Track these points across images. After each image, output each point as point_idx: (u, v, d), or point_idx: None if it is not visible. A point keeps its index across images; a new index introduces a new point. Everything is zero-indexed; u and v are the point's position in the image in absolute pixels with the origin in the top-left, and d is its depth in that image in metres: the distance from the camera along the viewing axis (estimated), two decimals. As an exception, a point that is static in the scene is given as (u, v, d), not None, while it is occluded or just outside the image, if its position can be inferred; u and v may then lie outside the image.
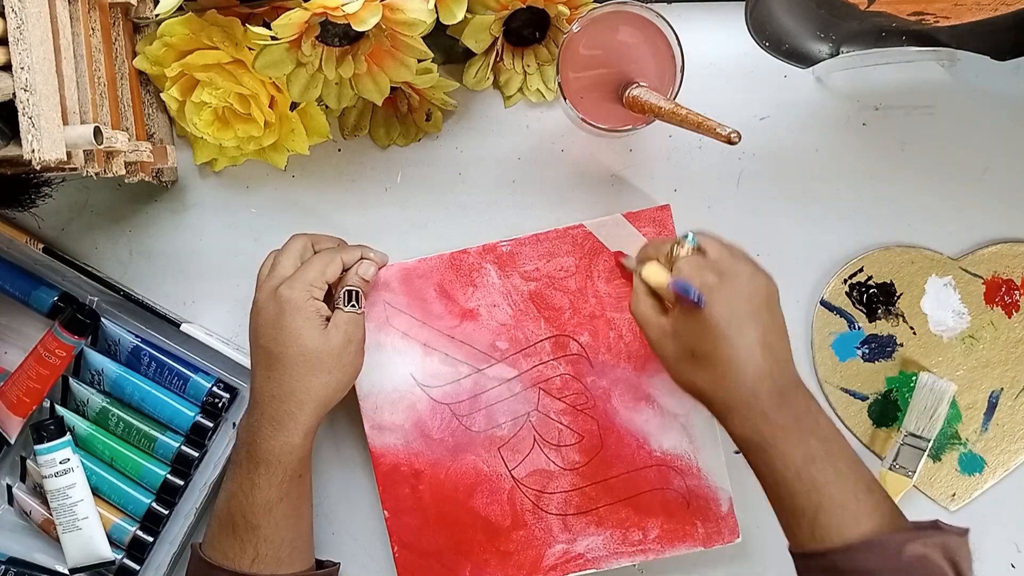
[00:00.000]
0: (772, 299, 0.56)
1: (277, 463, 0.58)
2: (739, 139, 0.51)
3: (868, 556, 0.50)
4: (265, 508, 0.58)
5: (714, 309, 0.53)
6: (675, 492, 0.66)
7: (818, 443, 0.53)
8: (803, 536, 0.53)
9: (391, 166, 0.69)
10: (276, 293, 0.59)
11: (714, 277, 0.54)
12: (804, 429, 0.53)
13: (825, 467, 0.52)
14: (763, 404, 0.53)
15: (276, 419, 0.58)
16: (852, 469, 0.53)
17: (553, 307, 0.66)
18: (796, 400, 0.54)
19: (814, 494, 0.52)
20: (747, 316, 0.53)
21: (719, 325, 0.53)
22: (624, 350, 0.66)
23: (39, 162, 0.48)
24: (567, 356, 0.66)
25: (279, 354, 0.59)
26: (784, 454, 0.52)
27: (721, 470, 0.66)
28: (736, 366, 0.53)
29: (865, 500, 0.52)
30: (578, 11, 0.63)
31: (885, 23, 0.62)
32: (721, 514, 0.66)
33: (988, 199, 0.68)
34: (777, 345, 0.54)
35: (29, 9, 0.48)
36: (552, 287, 0.66)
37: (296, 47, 0.57)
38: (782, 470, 0.53)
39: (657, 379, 0.66)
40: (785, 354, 0.55)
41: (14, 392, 0.68)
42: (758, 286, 0.55)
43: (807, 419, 0.53)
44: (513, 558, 0.66)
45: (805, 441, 0.52)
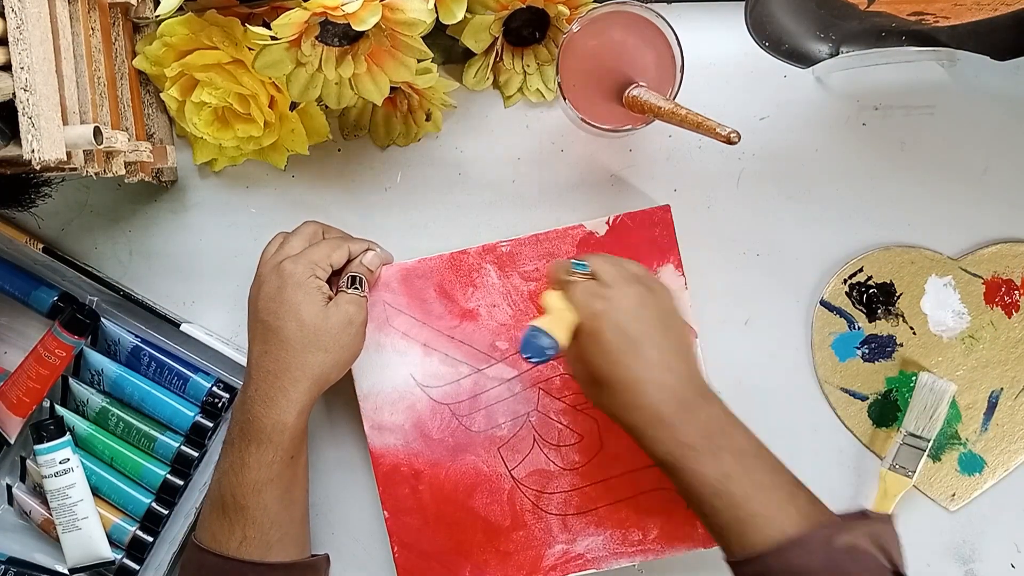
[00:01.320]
0: (666, 315, 0.56)
1: (268, 441, 0.58)
2: (739, 139, 0.51)
3: (798, 553, 0.50)
4: (254, 488, 0.58)
5: (606, 335, 0.53)
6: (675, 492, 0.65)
7: (732, 458, 0.52)
8: (732, 546, 0.53)
9: (391, 166, 0.69)
10: (279, 267, 0.59)
11: (602, 303, 0.54)
12: (716, 445, 0.53)
13: (742, 481, 0.52)
14: (669, 424, 0.53)
15: (269, 395, 0.58)
16: (771, 479, 0.53)
17: (553, 307, 0.66)
18: (704, 415, 0.54)
19: (734, 509, 0.52)
20: (639, 337, 0.53)
21: (611, 351, 0.53)
22: (624, 350, 0.66)
23: (39, 162, 0.48)
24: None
25: (277, 328, 0.58)
26: (698, 473, 0.52)
27: (721, 470, 0.66)
28: (635, 388, 0.53)
29: (787, 507, 0.52)
30: (578, 11, 0.63)
31: (885, 23, 0.62)
32: (721, 514, 0.66)
33: (988, 199, 0.68)
34: (675, 361, 0.54)
35: (29, 9, 0.48)
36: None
37: (296, 47, 0.57)
38: (699, 488, 0.52)
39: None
40: (686, 368, 0.55)
41: (14, 392, 0.68)
42: (646, 305, 0.55)
43: (718, 434, 0.53)
44: (513, 558, 0.66)
45: (718, 458, 0.52)
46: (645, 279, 0.57)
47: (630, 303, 0.54)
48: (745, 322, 0.69)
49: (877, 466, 0.68)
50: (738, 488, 0.52)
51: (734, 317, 0.69)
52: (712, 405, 0.55)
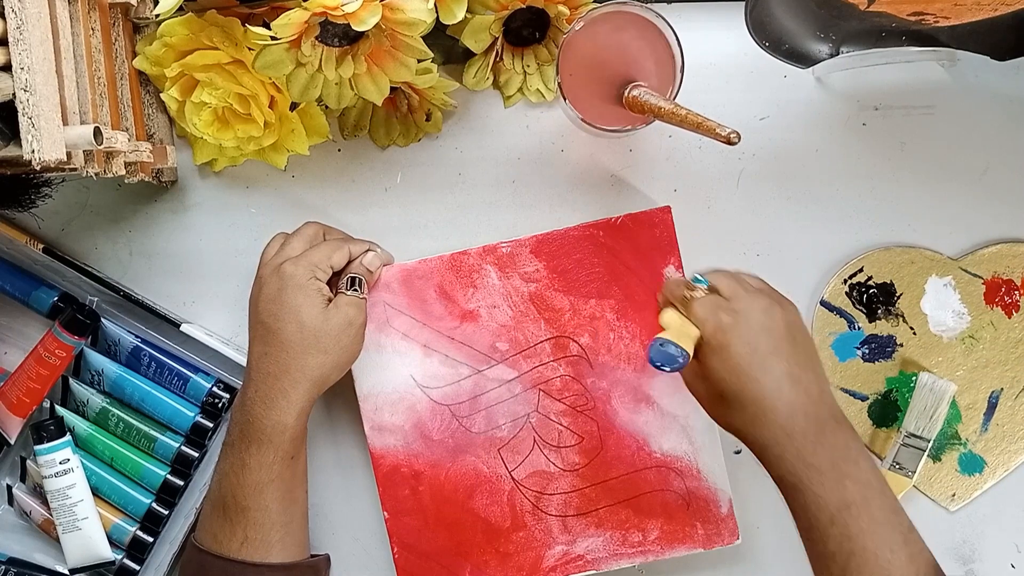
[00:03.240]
0: (794, 329, 0.54)
1: (268, 442, 0.58)
2: (739, 139, 0.51)
3: None
4: (255, 489, 0.58)
5: (733, 350, 0.52)
6: (675, 493, 0.66)
7: (855, 488, 0.51)
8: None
9: (391, 166, 0.69)
10: (280, 269, 0.59)
11: (729, 317, 0.53)
12: (841, 472, 0.51)
13: (860, 514, 0.50)
14: (797, 444, 0.51)
15: (269, 397, 0.58)
16: (888, 517, 0.51)
17: (553, 308, 0.66)
18: (834, 439, 0.52)
19: (846, 542, 0.50)
20: (768, 353, 0.52)
21: (741, 365, 0.52)
22: (624, 352, 0.66)
23: (39, 162, 0.48)
24: (567, 357, 0.66)
25: (277, 330, 0.58)
26: (819, 498, 0.51)
27: (721, 472, 0.66)
28: (765, 405, 0.52)
29: (899, 552, 0.50)
30: (578, 11, 0.63)
31: (885, 23, 0.62)
32: (721, 516, 0.66)
33: (988, 199, 0.68)
34: (806, 377, 0.53)
35: (29, 9, 0.48)
36: (552, 287, 0.66)
37: (296, 47, 0.57)
38: (816, 513, 0.51)
39: (657, 380, 0.66)
40: (817, 386, 0.53)
41: (14, 392, 0.68)
42: (775, 318, 0.53)
43: (845, 461, 0.51)
44: (513, 559, 0.66)
45: (841, 485, 0.51)
46: (769, 292, 0.56)
47: (758, 316, 0.53)
48: (745, 322, 0.69)
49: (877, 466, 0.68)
50: (854, 521, 0.50)
51: (734, 317, 0.69)
52: (843, 429, 0.53)
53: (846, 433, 0.53)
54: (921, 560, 0.51)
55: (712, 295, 0.55)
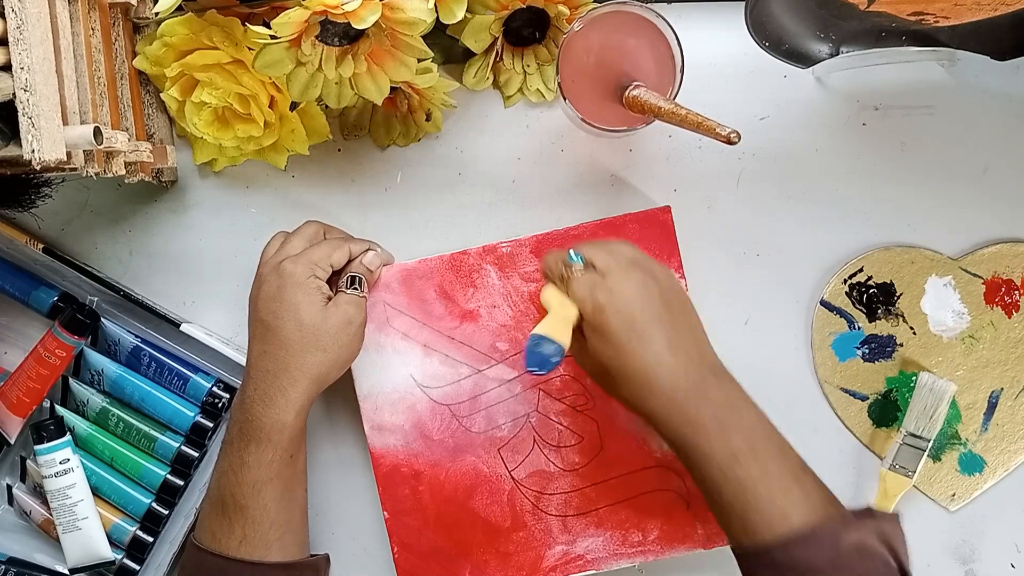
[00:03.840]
0: (669, 296, 0.55)
1: (267, 441, 0.58)
2: (739, 139, 0.51)
3: (806, 549, 0.50)
4: (254, 488, 0.58)
5: (612, 327, 0.53)
6: (675, 493, 0.66)
7: (740, 438, 0.52)
8: (737, 533, 0.53)
9: (391, 166, 0.69)
10: (279, 267, 0.59)
11: (604, 296, 0.54)
12: (726, 426, 0.53)
13: (749, 463, 0.52)
14: (681, 406, 0.53)
15: (268, 395, 0.58)
16: (778, 462, 0.53)
17: (553, 307, 0.66)
18: (716, 394, 0.53)
19: (740, 492, 0.52)
20: (646, 324, 0.53)
21: (620, 342, 0.53)
22: (624, 350, 0.66)
23: (39, 162, 0.48)
24: (567, 357, 0.66)
25: (276, 327, 0.58)
26: (707, 454, 0.52)
27: (721, 470, 0.66)
28: (648, 376, 0.53)
29: (793, 491, 0.52)
30: (578, 11, 0.63)
31: (885, 23, 0.62)
32: (721, 514, 0.66)
33: (988, 199, 0.68)
34: (684, 342, 0.54)
35: (29, 9, 0.48)
36: (552, 287, 0.66)
37: (296, 46, 0.57)
38: (707, 467, 0.53)
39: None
40: (697, 349, 0.55)
41: (14, 392, 0.68)
42: (649, 290, 0.54)
43: (729, 415, 0.53)
44: (513, 559, 0.66)
45: (727, 438, 0.52)
46: (642, 262, 0.56)
47: (632, 290, 0.54)
48: (745, 322, 0.69)
49: (877, 466, 0.68)
50: (744, 470, 0.52)
51: (734, 317, 0.69)
52: (724, 384, 0.55)
53: (727, 387, 0.55)
54: (816, 496, 0.52)
55: (588, 273, 0.55)
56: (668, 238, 0.65)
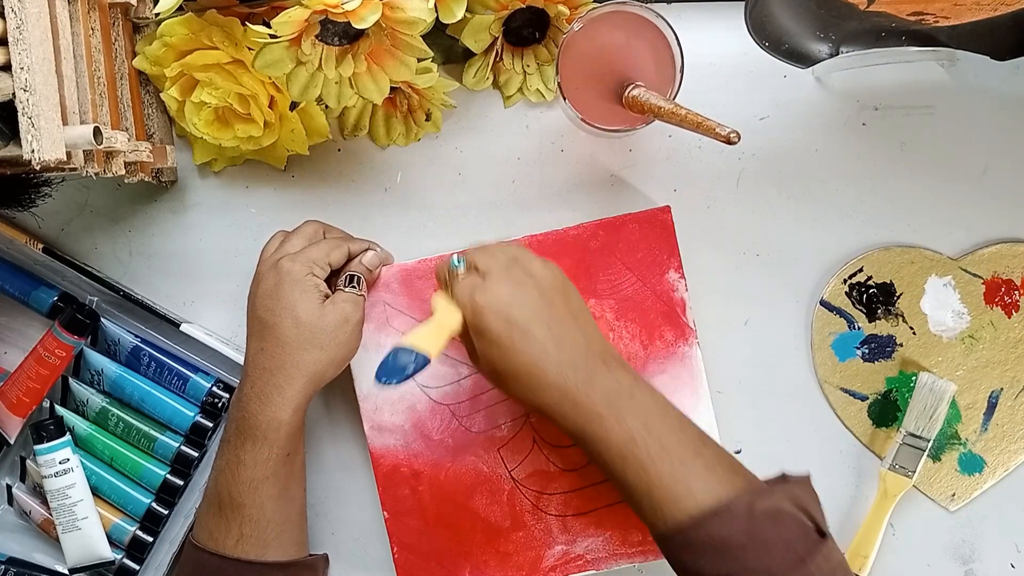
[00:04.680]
0: (550, 292, 0.55)
1: (264, 439, 0.58)
2: (739, 139, 0.51)
3: (719, 523, 0.50)
4: (251, 486, 0.58)
5: (492, 328, 0.53)
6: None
7: (636, 421, 0.52)
8: (649, 516, 0.52)
9: (391, 166, 0.69)
10: (277, 265, 0.60)
11: (482, 298, 0.54)
12: (618, 409, 0.53)
13: (646, 442, 0.52)
14: (572, 397, 0.53)
15: (264, 393, 0.58)
16: (677, 440, 0.52)
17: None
18: (605, 380, 0.53)
19: (642, 471, 0.51)
20: (526, 321, 0.53)
21: (502, 342, 0.53)
22: (623, 351, 0.66)
23: (39, 162, 0.48)
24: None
25: (274, 325, 0.58)
26: (604, 440, 0.52)
27: (721, 470, 0.66)
28: (535, 372, 0.53)
29: (696, 467, 0.51)
30: (578, 11, 0.63)
31: (885, 23, 0.62)
32: (721, 514, 0.66)
33: (988, 199, 0.68)
34: (568, 335, 0.54)
35: (29, 9, 0.48)
36: (552, 287, 0.66)
37: (296, 46, 0.57)
38: (608, 456, 0.53)
39: (656, 380, 0.65)
40: (582, 338, 0.55)
41: (14, 392, 0.68)
42: (525, 287, 0.54)
43: (619, 397, 0.53)
44: (513, 559, 0.66)
45: (621, 422, 0.52)
46: (522, 260, 0.56)
47: (507, 289, 0.54)
48: (745, 322, 0.69)
49: (877, 466, 0.68)
50: (642, 451, 0.51)
51: (734, 317, 0.69)
52: (615, 371, 0.54)
53: (616, 372, 0.54)
54: (719, 466, 0.52)
55: (470, 276, 0.56)
56: (668, 238, 0.65)
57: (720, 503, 0.50)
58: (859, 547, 0.67)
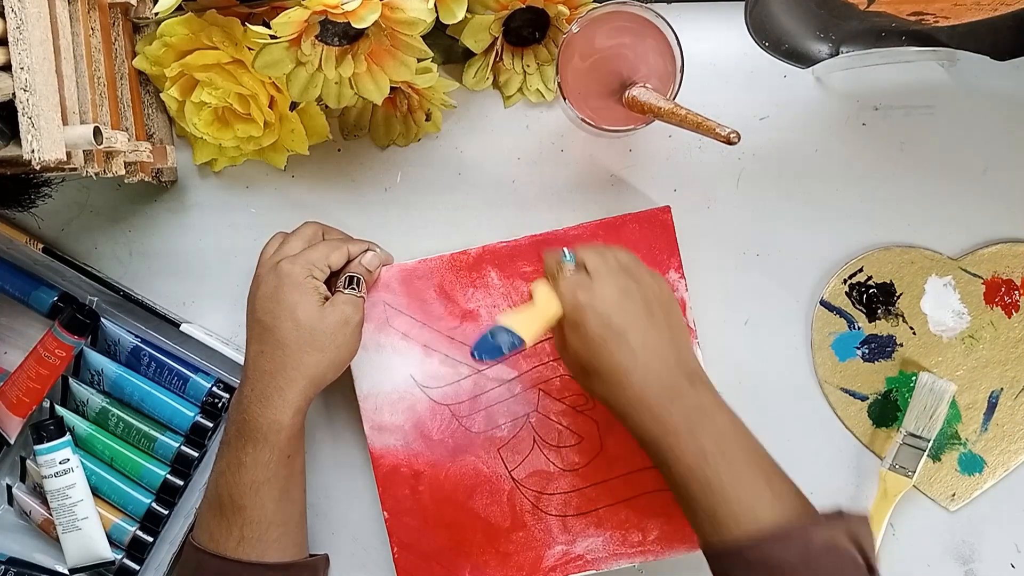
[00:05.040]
0: (652, 304, 0.56)
1: (264, 441, 0.58)
2: (739, 139, 0.51)
3: (777, 547, 0.50)
4: (252, 488, 0.58)
5: (589, 326, 0.54)
6: (675, 492, 0.66)
7: (711, 441, 0.53)
8: (707, 532, 0.53)
9: (391, 166, 0.69)
10: (277, 267, 0.60)
11: (585, 296, 0.55)
12: (695, 428, 0.53)
13: (719, 464, 0.52)
14: (653, 409, 0.54)
15: (265, 395, 0.58)
16: (748, 463, 0.54)
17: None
18: (688, 400, 0.54)
19: (707, 488, 0.52)
20: (622, 327, 0.54)
21: (595, 340, 0.54)
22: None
23: (39, 162, 0.48)
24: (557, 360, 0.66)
25: (273, 327, 0.59)
26: (676, 453, 0.53)
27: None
28: (620, 374, 0.54)
29: (763, 492, 0.52)
30: (578, 11, 0.63)
31: (885, 23, 0.62)
32: (721, 514, 0.66)
33: (988, 199, 0.68)
34: (662, 347, 0.55)
35: (29, 9, 0.48)
36: (552, 287, 0.66)
37: (296, 46, 0.57)
38: (676, 467, 0.53)
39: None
40: (674, 353, 0.55)
41: (14, 392, 0.68)
42: (630, 295, 0.55)
43: (700, 418, 0.54)
44: (513, 559, 0.66)
45: (697, 440, 0.53)
46: (631, 268, 0.57)
47: (612, 294, 0.55)
48: (745, 322, 0.69)
49: (877, 466, 0.68)
50: (713, 470, 0.52)
51: (734, 317, 0.69)
52: (699, 390, 0.55)
53: (700, 393, 0.55)
54: (787, 496, 0.53)
55: (578, 273, 0.57)
56: (668, 238, 0.65)
57: (781, 528, 0.51)
58: (859, 547, 0.67)
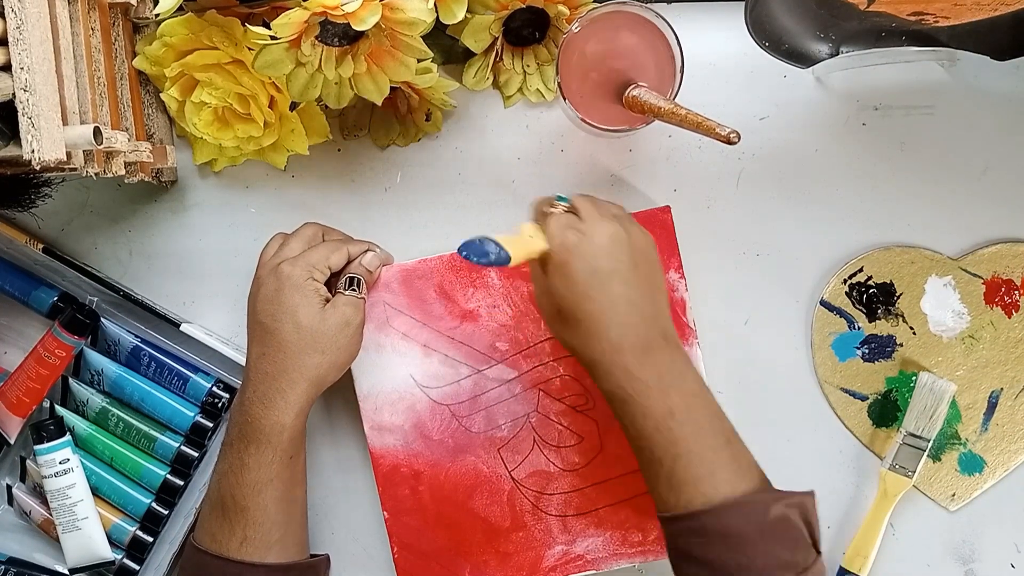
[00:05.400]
0: (639, 255, 0.56)
1: (267, 442, 0.58)
2: (739, 139, 0.51)
3: (736, 516, 0.51)
4: (254, 489, 0.58)
5: (574, 267, 0.54)
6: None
7: (680, 398, 0.53)
8: (664, 492, 0.53)
9: (391, 166, 0.69)
10: (277, 269, 0.60)
11: (575, 236, 0.54)
12: (666, 385, 0.54)
13: (684, 421, 0.53)
14: (625, 360, 0.54)
15: (267, 397, 0.58)
16: (711, 423, 0.54)
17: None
18: (661, 356, 0.54)
19: (671, 446, 0.53)
20: (607, 274, 0.54)
21: (578, 283, 0.54)
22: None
23: (39, 162, 0.48)
24: (567, 357, 0.66)
25: (275, 330, 0.59)
26: (645, 408, 0.53)
27: (721, 470, 0.66)
28: (598, 323, 0.54)
29: (725, 457, 0.53)
30: (578, 11, 0.63)
31: (885, 23, 0.62)
32: (721, 514, 0.66)
33: (988, 199, 0.68)
34: (642, 300, 0.55)
35: (29, 9, 0.48)
36: (552, 287, 0.66)
37: (296, 47, 0.57)
38: (642, 423, 0.53)
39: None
40: (651, 309, 0.55)
41: (14, 392, 0.68)
42: (619, 242, 0.55)
43: (671, 375, 0.54)
44: (513, 559, 0.66)
45: (666, 396, 0.53)
46: (623, 219, 0.57)
47: (603, 238, 0.55)
48: (745, 322, 0.69)
49: (877, 466, 0.68)
50: (678, 426, 0.53)
51: (734, 317, 0.69)
52: (671, 349, 0.55)
53: (673, 351, 0.55)
54: (743, 460, 0.54)
55: (568, 214, 0.57)
56: (668, 238, 0.65)
57: (740, 496, 0.51)
58: (859, 547, 0.67)
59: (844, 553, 0.67)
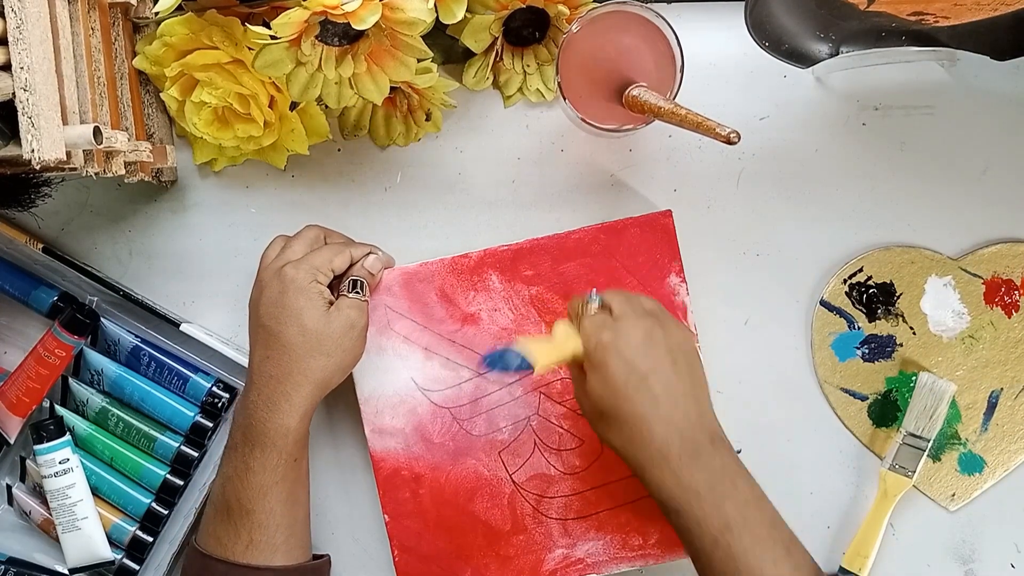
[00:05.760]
0: (677, 352, 0.55)
1: (272, 445, 0.58)
2: (739, 139, 0.51)
3: None
4: (260, 492, 0.58)
5: (611, 368, 0.53)
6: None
7: (734, 509, 0.52)
8: None
9: (391, 166, 0.69)
10: (281, 272, 0.59)
11: (610, 335, 0.54)
12: (719, 494, 0.52)
13: (742, 534, 0.52)
14: (673, 466, 0.52)
15: (272, 400, 0.58)
16: (769, 533, 0.53)
17: (554, 311, 0.66)
18: (711, 461, 0.53)
19: (731, 562, 0.52)
20: (646, 373, 0.53)
21: (617, 384, 0.53)
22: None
23: (39, 162, 0.48)
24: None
25: (279, 333, 0.58)
26: (699, 521, 0.52)
27: (721, 470, 0.66)
28: (640, 425, 0.53)
29: (782, 563, 0.52)
30: (578, 11, 0.63)
31: (885, 23, 0.62)
32: (721, 515, 0.65)
33: (988, 199, 0.68)
34: (684, 400, 0.54)
35: (29, 9, 0.48)
36: (553, 291, 0.66)
37: (296, 46, 0.57)
38: (699, 536, 0.52)
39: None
40: (696, 409, 0.54)
41: (14, 392, 0.68)
42: (655, 340, 0.54)
43: (723, 483, 0.53)
44: (513, 562, 0.66)
45: (720, 508, 0.52)
46: (657, 314, 0.56)
47: (638, 336, 0.54)
48: (745, 322, 0.69)
49: (877, 466, 0.68)
50: (736, 541, 0.52)
51: (734, 317, 0.69)
52: (721, 452, 0.54)
53: (723, 455, 0.54)
54: (805, 570, 0.53)
55: (603, 313, 0.56)
56: (669, 242, 0.65)
57: None
58: (859, 547, 0.67)
59: (844, 553, 0.67)
